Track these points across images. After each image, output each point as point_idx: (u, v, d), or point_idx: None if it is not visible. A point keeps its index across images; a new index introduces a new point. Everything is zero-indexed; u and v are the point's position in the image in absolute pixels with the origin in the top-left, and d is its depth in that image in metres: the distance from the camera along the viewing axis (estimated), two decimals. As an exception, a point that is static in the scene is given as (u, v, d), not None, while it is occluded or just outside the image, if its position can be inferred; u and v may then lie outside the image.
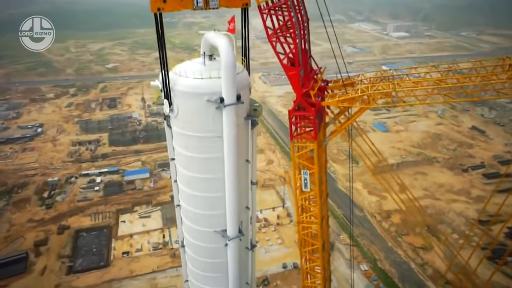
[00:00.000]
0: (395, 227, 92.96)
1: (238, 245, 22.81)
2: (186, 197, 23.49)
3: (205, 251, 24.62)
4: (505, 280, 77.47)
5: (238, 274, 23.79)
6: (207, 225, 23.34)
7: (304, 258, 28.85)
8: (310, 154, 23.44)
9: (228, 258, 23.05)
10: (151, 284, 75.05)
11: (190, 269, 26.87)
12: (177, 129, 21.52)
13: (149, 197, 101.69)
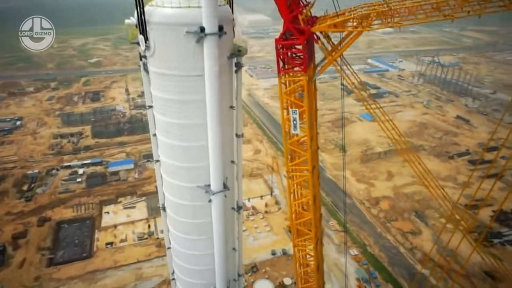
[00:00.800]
0: (384, 213, 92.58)
1: (223, 201, 20.95)
2: (166, 149, 21.57)
3: (187, 211, 22.72)
4: (493, 261, 77.49)
5: (224, 236, 22.01)
6: (188, 179, 21.43)
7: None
8: (300, 96, 21.81)
9: (212, 216, 21.23)
10: (136, 274, 72.60)
11: (172, 234, 24.88)
12: (154, 70, 19.61)
13: (133, 187, 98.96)
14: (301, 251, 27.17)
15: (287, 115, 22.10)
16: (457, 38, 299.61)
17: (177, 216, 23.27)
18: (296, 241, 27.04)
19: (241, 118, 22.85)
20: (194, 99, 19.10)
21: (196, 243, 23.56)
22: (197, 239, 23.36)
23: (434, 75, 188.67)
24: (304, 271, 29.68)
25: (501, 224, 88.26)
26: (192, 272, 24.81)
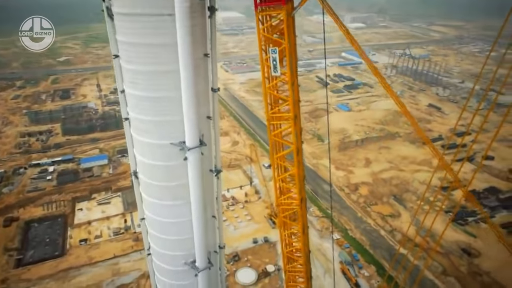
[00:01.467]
0: (363, 198, 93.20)
1: (200, 160, 19.09)
2: (134, 103, 19.60)
3: (160, 172, 20.58)
4: (468, 238, 79.51)
5: (202, 200, 20.25)
6: (160, 136, 19.43)
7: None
8: (277, 37, 20.54)
9: (189, 177, 19.45)
10: (113, 269, 69.60)
11: (145, 201, 22.72)
12: (118, 10, 17.72)
13: (108, 183, 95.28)
14: (286, 210, 25.97)
15: (266, 56, 20.63)
16: (425, 32, 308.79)
17: (150, 179, 21.29)
18: (279, 200, 25.81)
19: (216, 71, 21.30)
20: (163, 42, 17.28)
21: (171, 210, 21.40)
22: (173, 205, 21.21)
23: (406, 66, 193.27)
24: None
25: (474, 203, 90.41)
26: (169, 243, 22.65)
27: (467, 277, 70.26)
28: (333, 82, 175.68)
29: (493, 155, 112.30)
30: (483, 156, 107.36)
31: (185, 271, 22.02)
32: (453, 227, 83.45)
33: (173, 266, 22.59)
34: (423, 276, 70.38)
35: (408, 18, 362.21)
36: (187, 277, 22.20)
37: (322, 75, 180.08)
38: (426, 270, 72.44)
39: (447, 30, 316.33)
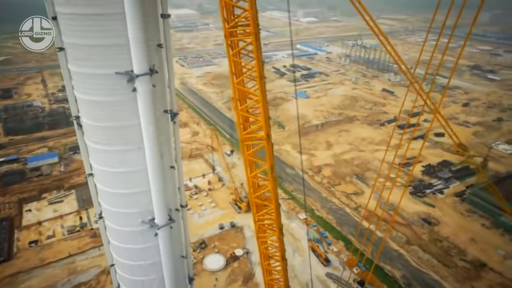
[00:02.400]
0: (327, 179, 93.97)
1: (152, 92, 16.34)
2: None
3: (105, 110, 17.45)
4: (427, 209, 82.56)
5: (157, 144, 17.51)
6: (104, 65, 16.65)
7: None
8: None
9: (139, 112, 16.75)
10: (69, 268, 64.31)
11: (92, 150, 18.98)
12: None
13: (60, 181, 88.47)
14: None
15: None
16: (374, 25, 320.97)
17: (93, 121, 17.86)
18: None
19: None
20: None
21: (121, 157, 18.15)
22: (123, 151, 17.95)
23: (359, 56, 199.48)
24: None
25: (430, 176, 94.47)
26: (121, 199, 19.09)
27: (429, 244, 72.71)
28: (290, 72, 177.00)
29: (444, 132, 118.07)
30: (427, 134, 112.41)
31: (144, 232, 19.07)
32: (412, 199, 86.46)
33: (128, 226, 19.34)
34: (389, 248, 72.09)
35: (357, 13, 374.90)
36: (146, 238, 19.38)
37: (278, 66, 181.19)
38: (391, 241, 74.27)
39: (394, 23, 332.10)
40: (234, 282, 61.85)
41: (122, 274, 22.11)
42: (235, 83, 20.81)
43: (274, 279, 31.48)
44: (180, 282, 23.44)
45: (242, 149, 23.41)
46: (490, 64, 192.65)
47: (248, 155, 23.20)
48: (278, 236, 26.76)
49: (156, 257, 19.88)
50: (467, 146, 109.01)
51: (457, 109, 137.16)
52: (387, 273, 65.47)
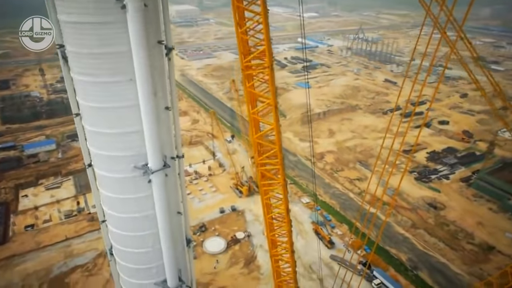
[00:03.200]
0: (329, 165, 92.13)
1: None
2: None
3: None
4: (432, 194, 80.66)
5: (150, 77, 15.72)
6: None
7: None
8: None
9: None
10: (65, 251, 62.56)
11: (76, 81, 17.19)
12: None
13: (57, 168, 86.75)
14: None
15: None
16: (375, 20, 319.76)
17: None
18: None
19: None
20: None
21: (114, 89, 16.41)
22: (113, 82, 16.16)
23: (360, 48, 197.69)
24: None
25: (435, 163, 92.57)
26: (110, 140, 16.70)
27: (435, 228, 70.82)
28: (291, 64, 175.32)
29: (448, 120, 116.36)
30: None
31: (136, 179, 17.00)
32: (417, 185, 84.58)
33: (119, 172, 17.19)
34: (394, 231, 70.25)
35: (357, 8, 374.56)
36: (138, 187, 17.36)
37: (279, 58, 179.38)
38: (396, 225, 72.44)
39: (394, 18, 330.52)
40: (235, 264, 60.05)
41: (114, 230, 20.16)
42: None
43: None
44: (177, 241, 21.51)
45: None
46: (493, 55, 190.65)
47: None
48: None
49: (150, 209, 17.93)
50: (472, 133, 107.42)
51: (460, 99, 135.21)
52: (392, 256, 63.64)
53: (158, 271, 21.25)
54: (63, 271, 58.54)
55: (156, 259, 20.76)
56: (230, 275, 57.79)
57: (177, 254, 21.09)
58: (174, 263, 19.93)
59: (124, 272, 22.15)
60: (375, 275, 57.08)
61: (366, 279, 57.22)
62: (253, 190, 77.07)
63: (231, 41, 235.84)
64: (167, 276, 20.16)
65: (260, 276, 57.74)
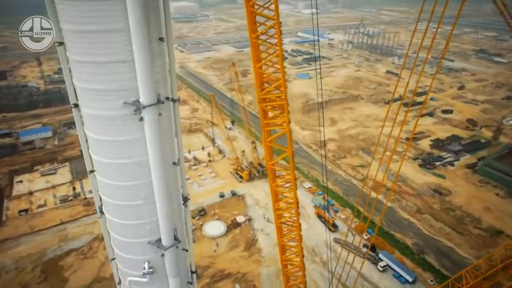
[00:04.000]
0: (332, 153, 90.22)
1: None
2: None
3: None
4: (437, 180, 78.76)
5: None
6: None
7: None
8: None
9: None
10: (60, 235, 60.60)
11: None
12: None
13: (53, 154, 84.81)
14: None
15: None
16: (376, 16, 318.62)
17: None
18: None
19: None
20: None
21: None
22: None
23: (361, 42, 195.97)
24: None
25: (439, 150, 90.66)
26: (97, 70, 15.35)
27: (440, 213, 68.89)
28: (292, 56, 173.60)
29: (452, 109, 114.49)
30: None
31: (126, 117, 14.70)
32: (422, 171, 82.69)
33: (106, 110, 15.19)
34: (399, 217, 68.38)
35: (357, 5, 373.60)
36: (129, 128, 15.15)
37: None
38: (401, 210, 70.55)
39: (395, 14, 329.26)
40: (235, 247, 58.10)
41: (103, 180, 17.81)
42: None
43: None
44: (173, 196, 19.14)
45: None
46: (496, 48, 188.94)
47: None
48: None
49: (142, 155, 15.48)
50: (476, 121, 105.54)
51: (463, 90, 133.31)
52: (398, 240, 61.72)
53: (152, 228, 18.93)
54: (58, 254, 56.59)
55: (150, 215, 18.46)
56: (231, 258, 55.85)
57: (173, 210, 18.98)
58: (169, 220, 17.75)
59: (115, 230, 19.96)
60: (381, 258, 55.08)
61: (372, 262, 55.35)
62: (254, 175, 75.12)
63: (231, 35, 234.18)
64: (162, 233, 17.94)
65: (261, 259, 55.81)
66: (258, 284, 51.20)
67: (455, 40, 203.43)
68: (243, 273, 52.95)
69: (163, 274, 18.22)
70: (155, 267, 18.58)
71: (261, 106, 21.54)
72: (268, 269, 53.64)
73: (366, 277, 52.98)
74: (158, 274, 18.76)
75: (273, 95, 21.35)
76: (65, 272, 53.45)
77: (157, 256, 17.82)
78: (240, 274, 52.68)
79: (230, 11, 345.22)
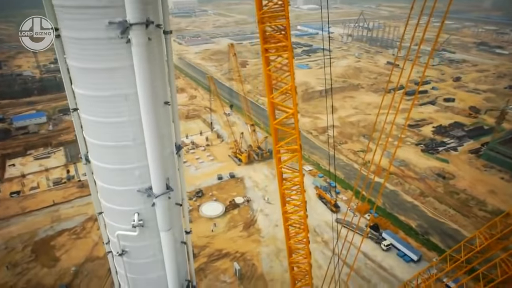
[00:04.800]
0: (332, 138, 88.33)
1: None
2: None
3: None
4: (441, 164, 76.99)
5: None
6: None
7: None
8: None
9: None
10: (52, 216, 58.61)
11: None
12: None
13: (47, 139, 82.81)
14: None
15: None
16: (375, 11, 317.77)
17: None
18: None
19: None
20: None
21: None
22: None
23: (361, 35, 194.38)
24: None
25: (442, 136, 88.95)
26: None
27: (444, 196, 67.10)
28: (293, 47, 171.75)
29: (454, 98, 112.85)
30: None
31: (112, 41, 12.77)
32: (425, 156, 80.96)
33: (89, 31, 13.34)
34: (402, 200, 66.61)
35: (357, 1, 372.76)
36: (114, 53, 13.19)
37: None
38: (404, 193, 68.78)
39: (394, 9, 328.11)
40: (234, 228, 56.16)
41: (86, 117, 15.63)
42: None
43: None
44: (165, 139, 17.25)
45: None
46: (496, 41, 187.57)
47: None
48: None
49: (129, 87, 13.50)
50: (479, 109, 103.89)
51: (460, 81, 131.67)
52: (402, 221, 59.89)
53: (142, 174, 16.76)
54: (49, 234, 54.58)
55: (139, 158, 16.34)
56: (229, 238, 53.93)
57: (165, 156, 16.92)
58: (160, 164, 15.70)
59: (101, 177, 17.81)
60: (384, 237, 53.25)
61: (375, 241, 53.53)
62: (253, 158, 73.22)
63: (230, 29, 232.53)
64: (152, 179, 15.84)
65: (260, 239, 53.90)
66: (258, 263, 49.28)
67: (455, 34, 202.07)
68: (242, 252, 51.02)
69: (154, 230, 16.14)
70: (146, 221, 16.52)
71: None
72: (268, 248, 51.75)
73: (370, 256, 51.13)
74: (149, 230, 16.63)
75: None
76: (57, 251, 51.44)
77: (147, 208, 15.55)
78: (239, 253, 50.74)
79: (228, 6, 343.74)
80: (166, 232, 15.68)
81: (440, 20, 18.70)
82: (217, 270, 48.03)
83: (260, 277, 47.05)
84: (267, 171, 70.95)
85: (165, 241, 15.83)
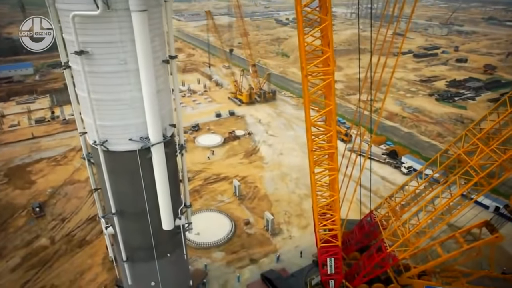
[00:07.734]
0: (339, 91, 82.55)
1: None
2: None
3: None
4: (458, 111, 71.06)
5: None
6: None
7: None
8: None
9: None
10: (31, 147, 52.66)
11: None
12: None
13: (32, 87, 76.97)
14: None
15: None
16: None
17: None
18: None
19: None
20: None
21: None
22: None
23: (364, 13, 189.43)
24: None
25: (457, 88, 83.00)
26: None
27: (465, 137, 60.95)
28: (292, 22, 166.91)
29: (467, 58, 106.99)
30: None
31: None
32: (440, 104, 75.08)
33: None
34: (417, 140, 60.69)
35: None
36: None
37: (280, 18, 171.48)
38: (420, 135, 62.88)
39: None
40: (233, 156, 50.07)
41: None
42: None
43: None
44: None
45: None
46: (506, 17, 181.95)
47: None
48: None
49: None
50: (494, 66, 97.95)
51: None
52: (420, 155, 53.90)
53: None
54: (26, 162, 48.62)
55: None
56: (228, 164, 47.88)
57: None
58: None
59: None
60: (403, 162, 47.26)
61: (394, 167, 47.53)
62: (255, 99, 67.28)
63: (232, 10, 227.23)
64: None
65: (264, 165, 47.82)
66: (260, 185, 43.17)
67: (462, 12, 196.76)
68: (243, 176, 44.93)
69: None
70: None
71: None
72: (272, 173, 45.68)
73: (389, 180, 45.07)
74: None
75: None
76: (33, 176, 45.42)
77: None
78: (239, 177, 44.61)
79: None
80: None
81: None
82: (214, 191, 41.91)
83: (263, 197, 40.93)
84: (270, 111, 64.93)
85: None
